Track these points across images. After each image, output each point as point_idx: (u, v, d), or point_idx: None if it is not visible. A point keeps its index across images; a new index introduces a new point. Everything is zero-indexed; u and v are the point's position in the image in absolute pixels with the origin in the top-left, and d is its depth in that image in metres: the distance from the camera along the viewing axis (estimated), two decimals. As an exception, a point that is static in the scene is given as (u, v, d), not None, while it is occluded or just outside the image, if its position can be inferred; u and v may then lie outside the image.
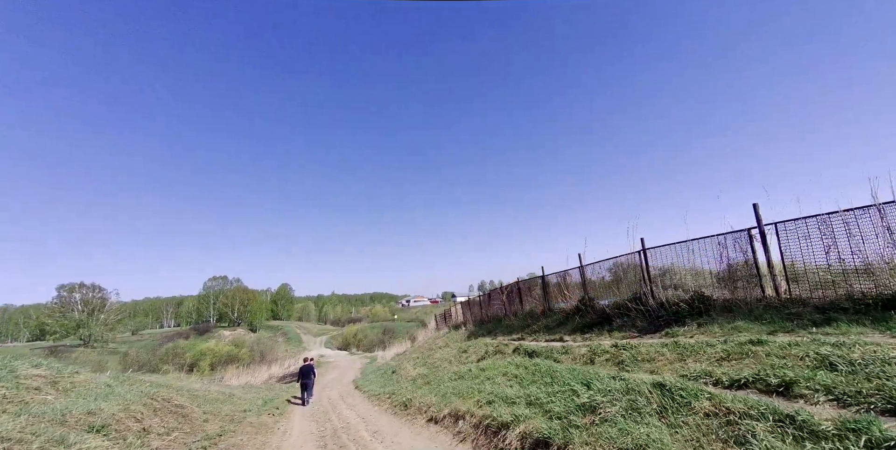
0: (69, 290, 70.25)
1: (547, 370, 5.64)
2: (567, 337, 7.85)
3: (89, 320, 69.74)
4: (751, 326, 4.79)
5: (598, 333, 7.08)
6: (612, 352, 5.64)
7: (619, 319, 6.99)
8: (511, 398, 5.21)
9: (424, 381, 10.47)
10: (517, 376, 6.22)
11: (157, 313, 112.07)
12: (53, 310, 69.36)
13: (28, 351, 53.51)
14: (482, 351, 10.07)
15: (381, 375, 17.23)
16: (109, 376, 10.87)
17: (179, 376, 16.29)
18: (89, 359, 50.36)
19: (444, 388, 8.29)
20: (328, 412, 11.55)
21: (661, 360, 4.69)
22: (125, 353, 54.68)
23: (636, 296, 6.92)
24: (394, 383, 12.82)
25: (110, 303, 74.51)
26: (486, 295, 15.75)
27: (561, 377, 5.04)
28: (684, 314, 5.91)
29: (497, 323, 12.91)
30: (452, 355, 11.88)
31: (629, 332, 6.37)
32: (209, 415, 9.75)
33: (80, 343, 68.78)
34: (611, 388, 4.10)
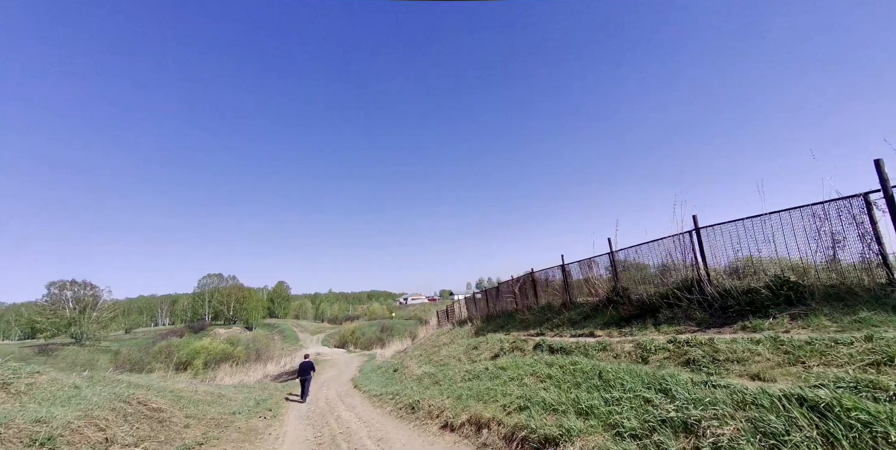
0: (60, 287, 68.54)
1: (591, 371, 4.64)
2: (599, 332, 6.88)
3: (81, 318, 68.08)
4: (891, 318, 3.74)
5: (639, 328, 6.10)
6: (672, 349, 4.64)
7: (667, 310, 5.99)
8: (551, 405, 4.22)
9: (432, 380, 9.46)
10: (551, 376, 5.23)
11: (152, 312, 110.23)
12: (44, 307, 67.65)
13: (17, 349, 51.97)
14: (496, 348, 9.08)
15: (382, 373, 16.20)
16: (82, 377, 9.76)
17: (167, 375, 15.18)
18: (80, 357, 48.98)
19: (458, 389, 7.29)
20: (325, 414, 10.52)
21: (758, 361, 3.66)
22: (117, 351, 53.33)
23: (687, 284, 5.92)
24: (397, 383, 11.80)
25: (102, 300, 72.81)
26: (495, 289, 14.76)
27: (616, 380, 4.02)
28: (765, 304, 4.89)
29: (508, 318, 11.93)
30: (461, 353, 10.88)
31: (684, 325, 5.38)
32: (192, 419, 8.67)
33: (72, 341, 67.11)
34: (707, 398, 3.08)
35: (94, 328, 69.53)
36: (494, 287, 15.08)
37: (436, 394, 8.06)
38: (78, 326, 68.05)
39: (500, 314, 13.30)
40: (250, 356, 43.80)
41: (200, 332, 75.45)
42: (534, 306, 10.89)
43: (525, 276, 11.75)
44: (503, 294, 13.77)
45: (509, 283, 13.02)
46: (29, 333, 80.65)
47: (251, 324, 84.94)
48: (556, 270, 10.37)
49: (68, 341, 67.45)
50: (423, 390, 8.91)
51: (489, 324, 13.22)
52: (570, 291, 9.64)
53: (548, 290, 10.49)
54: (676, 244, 6.32)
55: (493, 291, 15.17)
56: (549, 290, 10.46)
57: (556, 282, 10.32)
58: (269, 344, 55.32)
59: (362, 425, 8.25)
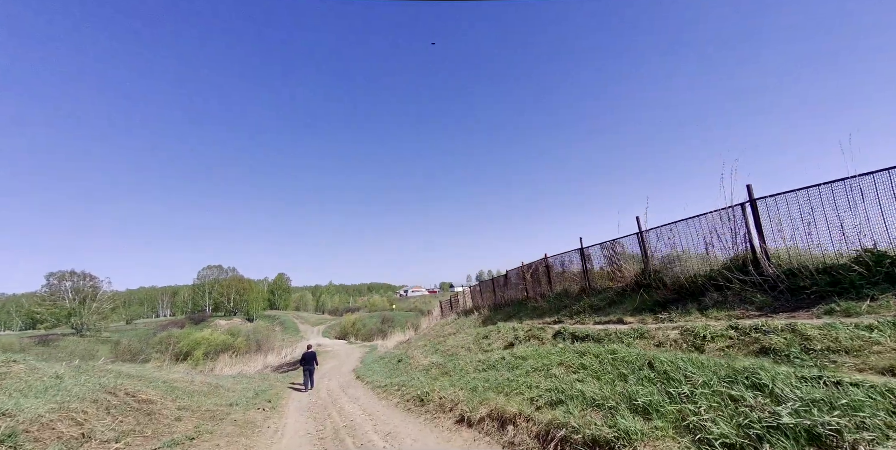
0: (59, 278, 68.04)
1: (637, 360, 3.96)
2: (629, 318, 6.24)
3: (81, 309, 67.72)
4: None
5: (680, 313, 5.44)
6: (734, 336, 3.94)
7: (715, 293, 5.30)
8: (593, 399, 3.56)
9: (441, 371, 8.88)
10: (585, 366, 4.58)
11: (152, 303, 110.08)
12: (43, 298, 67.25)
13: (17, 340, 51.67)
14: (509, 337, 8.47)
15: (385, 364, 15.68)
16: (68, 366, 9.16)
17: (163, 365, 14.65)
18: (79, 348, 48.69)
19: (472, 380, 6.68)
20: (327, 406, 9.96)
21: (880, 351, 2.94)
22: (117, 341, 53.05)
23: (738, 263, 5.22)
24: (402, 373, 11.24)
25: (102, 291, 72.36)
26: (503, 277, 14.14)
27: (676, 371, 3.34)
28: (855, 283, 4.19)
29: (519, 306, 11.33)
30: (470, 342, 10.29)
31: (739, 310, 4.70)
32: (185, 411, 8.08)
33: (72, 332, 66.87)
34: (840, 400, 2.36)
35: (94, 319, 69.25)
36: (502, 275, 14.46)
37: (446, 385, 7.46)
38: (78, 316, 67.74)
39: (510, 303, 12.69)
40: (251, 347, 43.58)
41: (201, 323, 75.23)
42: (548, 294, 10.27)
43: (538, 262, 11.09)
44: (512, 282, 13.15)
45: (519, 270, 12.38)
46: (30, 324, 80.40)
47: (252, 315, 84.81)
48: (574, 254, 9.69)
49: (69, 331, 67.21)
50: (432, 382, 8.32)
51: (498, 313, 12.62)
52: (590, 277, 8.99)
53: (564, 276, 9.85)
54: (724, 219, 5.61)
55: (500, 279, 14.55)
56: (565, 276, 9.81)
57: (573, 267, 9.67)
58: (269, 335, 55.17)
59: (367, 419, 7.67)
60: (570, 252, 9.85)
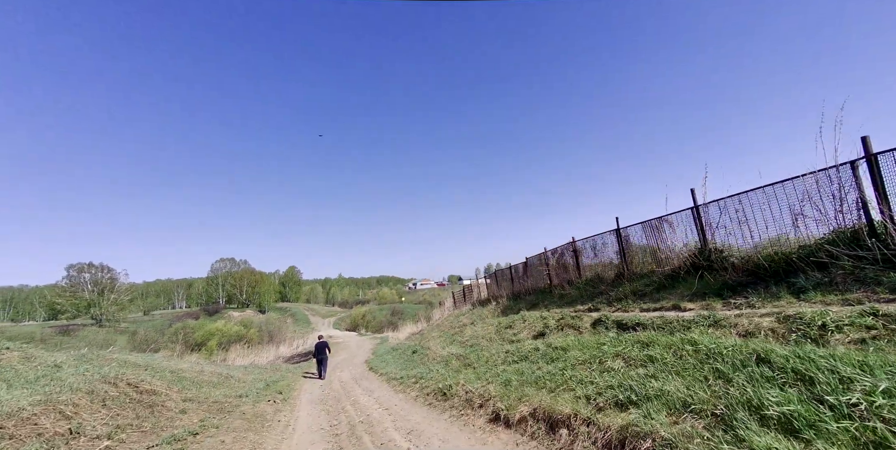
0: (78, 269, 69.47)
1: (736, 354, 3.03)
2: (688, 304, 5.40)
3: (100, 300, 69.21)
4: None
5: (762, 297, 4.55)
6: (877, 325, 2.93)
7: (817, 273, 4.34)
8: (688, 403, 2.73)
9: (463, 363, 8.18)
10: (654, 359, 3.75)
11: (168, 295, 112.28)
12: (64, 290, 68.80)
13: (38, 330, 52.98)
14: (537, 326, 7.70)
15: (399, 355, 15.09)
16: (71, 355, 8.71)
17: (173, 354, 14.31)
18: (98, 338, 49.67)
19: (502, 373, 5.94)
20: (341, 399, 9.38)
21: None
22: (134, 332, 53.97)
23: (847, 235, 4.24)
24: (419, 365, 10.59)
25: (120, 283, 73.77)
26: (522, 265, 13.33)
27: (817, 372, 2.43)
28: None
29: (542, 295, 10.54)
30: (492, 332, 9.57)
31: (861, 292, 3.75)
32: (191, 403, 7.54)
33: (92, 322, 68.46)
34: None
35: (112, 310, 70.78)
36: (521, 263, 13.65)
37: (472, 378, 6.74)
38: (97, 307, 69.27)
39: (531, 291, 11.91)
40: (263, 338, 43.83)
41: (215, 315, 76.27)
42: (576, 280, 9.44)
43: (563, 247, 10.23)
44: (533, 270, 12.35)
45: (541, 256, 11.56)
46: (52, 315, 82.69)
47: (264, 307, 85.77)
48: (609, 236, 8.79)
49: (89, 322, 68.84)
50: (454, 374, 7.62)
51: (518, 302, 11.86)
52: (629, 260, 8.11)
53: (597, 260, 8.97)
54: (823, 183, 4.63)
55: (518, 267, 13.75)
56: (598, 260, 8.95)
57: (606, 251, 8.79)
58: (281, 327, 55.50)
59: (385, 414, 7.01)
60: (604, 234, 8.93)
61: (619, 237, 8.37)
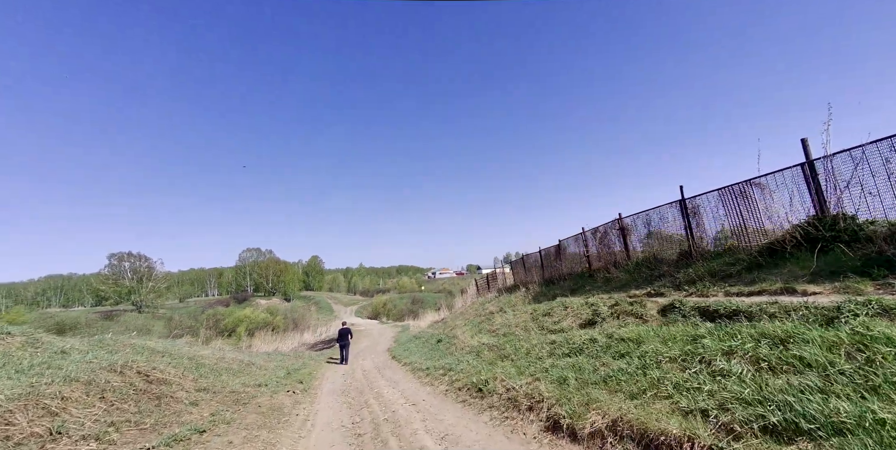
0: (118, 258, 73.06)
1: None
2: (811, 287, 4.13)
3: (139, 287, 72.75)
4: None
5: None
6: None
7: None
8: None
9: (497, 354, 7.24)
10: (808, 362, 2.60)
11: (202, 283, 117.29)
12: (106, 277, 72.64)
13: (83, 315, 56.25)
14: (584, 313, 6.62)
15: (422, 344, 14.37)
16: (85, 341, 8.32)
17: (197, 340, 14.13)
18: (137, 322, 52.22)
19: (552, 368, 4.94)
20: (363, 391, 8.68)
21: None
22: (170, 317, 56.46)
23: None
24: (446, 356, 9.75)
25: (156, 272, 77.19)
26: (554, 248, 12.15)
27: None
28: None
29: (581, 279, 9.40)
30: (526, 321, 8.56)
31: None
32: (205, 393, 6.95)
33: (133, 308, 72.26)
34: None
35: (150, 297, 74.38)
36: (553, 246, 12.46)
37: (512, 373, 5.77)
38: (137, 294, 72.92)
39: (565, 276, 10.77)
40: (288, 326, 44.70)
41: (244, 302, 78.91)
42: (624, 262, 8.21)
43: (607, 225, 8.97)
44: (568, 253, 11.16)
45: (579, 238, 10.34)
46: (97, 301, 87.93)
47: (289, 296, 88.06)
48: (669, 209, 7.44)
49: (130, 308, 72.68)
50: (489, 367, 6.68)
51: (552, 288, 10.75)
52: (697, 235, 6.77)
53: (654, 236, 7.66)
54: None
55: (551, 250, 12.58)
56: (656, 237, 7.66)
57: (666, 227, 7.47)
58: (305, 314, 56.59)
59: (412, 410, 6.17)
60: (662, 207, 7.57)
61: (684, 209, 7.02)
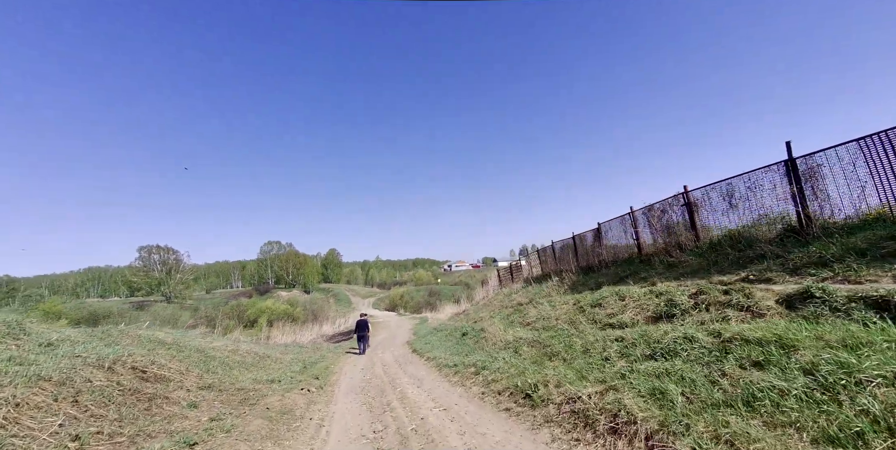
0: (148, 251, 75.44)
1: None
2: None
3: (168, 279, 75.16)
4: None
5: None
6: None
7: None
8: None
9: (542, 351, 6.08)
10: None
11: (226, 275, 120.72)
12: (137, 269, 75.29)
13: (116, 306, 58.38)
14: (652, 304, 5.35)
15: (445, 337, 13.35)
16: (88, 331, 7.63)
17: (212, 331, 13.59)
18: (166, 313, 53.67)
19: (633, 375, 3.74)
20: (385, 389, 7.70)
21: None
22: (196, 308, 57.93)
23: None
24: (475, 351, 8.66)
25: (183, 264, 79.48)
26: (592, 232, 10.78)
27: None
28: None
29: (631, 265, 8.08)
30: (570, 313, 7.36)
31: None
32: (209, 392, 6.09)
33: (163, 299, 74.83)
34: None
35: (179, 288, 76.81)
36: (591, 231, 11.09)
37: (569, 377, 4.59)
38: (166, 286, 75.42)
39: (608, 263, 9.44)
40: (308, 317, 44.87)
41: (266, 294, 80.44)
42: (690, 244, 6.82)
43: (667, 201, 7.53)
44: (609, 238, 9.81)
45: (626, 219, 8.97)
46: (131, 292, 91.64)
47: (308, 288, 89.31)
48: (763, 174, 5.84)
49: (160, 299, 75.29)
50: (536, 367, 5.53)
51: (591, 276, 9.46)
52: (816, 204, 5.25)
53: (739, 208, 6.12)
54: None
55: (587, 235, 11.22)
56: (736, 213, 6.17)
57: (757, 197, 5.95)
58: (324, 306, 56.91)
59: (445, 418, 5.10)
60: (754, 172, 5.96)
61: (791, 172, 5.45)
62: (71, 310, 43.57)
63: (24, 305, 44.30)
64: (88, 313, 41.79)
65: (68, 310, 42.19)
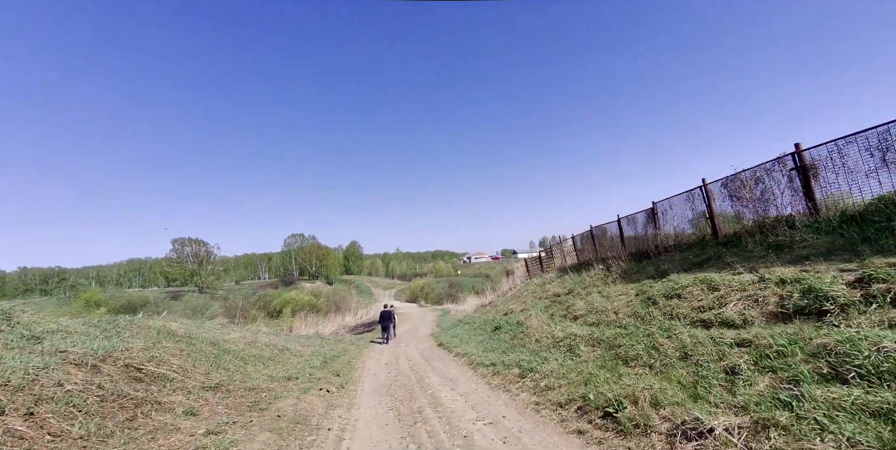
0: (181, 243, 78.36)
1: None
2: None
3: (200, 270, 77.99)
4: None
5: None
6: None
7: None
8: None
9: (610, 353, 4.83)
10: None
11: (254, 267, 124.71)
12: (172, 261, 78.47)
13: (152, 295, 61.05)
14: (773, 297, 3.88)
15: (474, 331, 12.25)
16: (91, 321, 6.96)
17: (230, 322, 13.08)
18: (198, 302, 55.66)
19: (805, 402, 2.47)
20: (413, 390, 6.68)
21: None
22: (226, 297, 59.71)
23: None
24: (515, 348, 7.48)
25: (214, 256, 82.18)
26: (646, 213, 9.27)
27: None
28: None
29: (707, 249, 6.58)
30: (631, 305, 6.03)
31: None
32: (213, 393, 5.21)
33: (196, 289, 77.89)
34: None
35: (210, 279, 79.65)
36: (642, 211, 9.57)
37: (678, 395, 3.34)
38: (199, 277, 78.35)
39: (669, 248, 7.95)
40: (330, 308, 45.12)
41: (290, 285, 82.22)
42: (804, 218, 5.21)
43: (763, 167, 5.90)
44: (670, 218, 8.29)
45: (694, 194, 7.43)
46: (168, 283, 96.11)
47: (331, 279, 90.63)
48: None
49: (194, 289, 78.40)
50: (608, 374, 4.29)
51: (647, 263, 8.03)
52: None
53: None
54: None
55: (638, 217, 9.70)
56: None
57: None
58: (346, 297, 57.30)
59: (495, 437, 3.97)
60: None
61: None
62: (110, 299, 45.57)
63: (68, 293, 46.88)
64: (127, 302, 43.56)
65: (108, 299, 44.10)
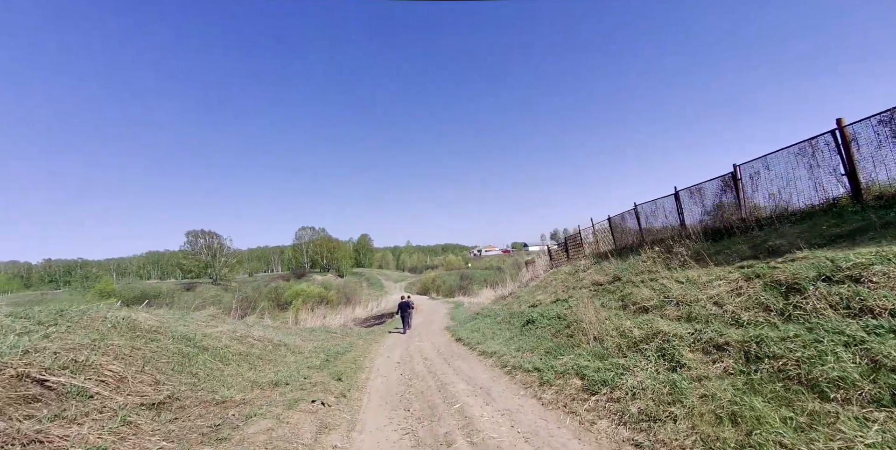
0: (194, 235, 78.62)
1: None
2: None
3: (213, 262, 78.31)
4: None
5: None
6: None
7: None
8: None
9: (748, 369, 3.09)
10: None
11: (267, 259, 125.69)
12: (187, 253, 78.91)
13: (166, 287, 61.34)
14: None
15: (497, 325, 10.59)
16: (22, 312, 5.52)
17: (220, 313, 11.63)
18: (210, 294, 55.60)
19: None
20: (434, 402, 5.06)
21: None
22: (238, 289, 59.58)
23: None
24: (565, 349, 5.75)
25: (227, 248, 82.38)
26: (724, 180, 7.32)
27: None
28: None
29: (845, 217, 4.71)
30: (746, 297, 4.22)
31: None
32: (154, 412, 3.66)
33: (209, 281, 78.29)
34: None
35: (224, 271, 79.97)
36: (715, 178, 7.64)
37: None
38: (213, 268, 78.69)
39: (773, 219, 6.05)
40: (341, 300, 44.19)
41: (302, 278, 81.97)
42: None
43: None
44: (764, 183, 6.33)
45: (815, 145, 5.48)
46: (184, 275, 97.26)
47: (342, 272, 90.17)
48: None
49: (208, 281, 78.83)
50: (767, 406, 2.54)
51: (732, 242, 6.18)
52: None
53: None
54: None
55: (709, 185, 7.75)
56: None
57: None
58: (356, 289, 56.42)
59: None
60: None
61: None
62: (123, 289, 45.53)
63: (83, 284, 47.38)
64: (140, 293, 43.39)
65: (121, 290, 44.01)
